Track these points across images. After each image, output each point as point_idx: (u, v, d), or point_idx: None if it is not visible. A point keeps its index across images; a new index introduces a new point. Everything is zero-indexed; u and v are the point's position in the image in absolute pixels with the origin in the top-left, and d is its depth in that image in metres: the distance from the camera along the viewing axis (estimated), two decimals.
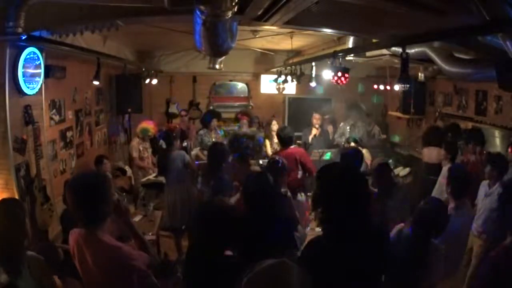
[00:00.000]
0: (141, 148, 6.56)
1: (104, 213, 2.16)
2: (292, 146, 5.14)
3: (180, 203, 4.93)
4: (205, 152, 5.75)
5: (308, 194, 4.75)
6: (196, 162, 5.71)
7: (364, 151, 5.44)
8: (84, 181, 2.20)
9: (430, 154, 5.51)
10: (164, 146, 5.14)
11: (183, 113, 8.20)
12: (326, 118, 8.14)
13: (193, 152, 6.35)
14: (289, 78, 7.22)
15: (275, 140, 6.98)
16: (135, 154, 6.48)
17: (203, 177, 4.63)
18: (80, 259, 2.20)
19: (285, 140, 5.09)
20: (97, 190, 2.12)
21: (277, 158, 4.27)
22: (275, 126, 7.09)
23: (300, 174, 5.05)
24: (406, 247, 2.65)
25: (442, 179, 4.58)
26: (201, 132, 6.98)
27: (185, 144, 6.67)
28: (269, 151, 6.99)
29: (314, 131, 7.15)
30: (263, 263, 1.81)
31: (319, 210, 2.03)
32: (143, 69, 7.67)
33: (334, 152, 6.58)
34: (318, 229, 3.14)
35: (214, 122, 6.93)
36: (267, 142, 7.20)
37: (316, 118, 7.28)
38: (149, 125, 6.67)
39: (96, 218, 2.13)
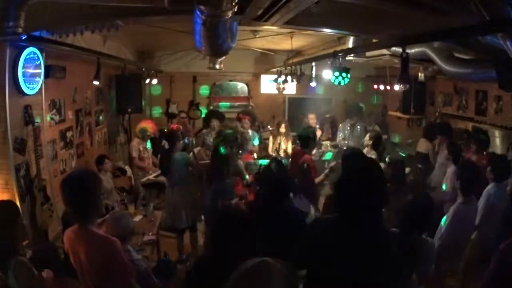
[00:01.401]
0: (141, 148, 6.56)
1: (94, 209, 2.31)
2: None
3: (182, 203, 4.93)
4: (208, 152, 5.75)
5: None
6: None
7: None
8: (73, 179, 2.34)
9: (422, 144, 6.04)
10: (166, 146, 5.14)
11: (182, 114, 8.21)
12: (327, 117, 8.14)
13: (195, 150, 6.36)
14: (289, 78, 7.22)
15: (278, 141, 7.01)
16: (134, 154, 6.48)
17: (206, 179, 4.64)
18: (74, 254, 2.28)
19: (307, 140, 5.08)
20: (85, 188, 2.25)
21: (279, 157, 4.28)
22: (283, 129, 7.05)
23: None
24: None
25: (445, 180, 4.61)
26: (204, 131, 6.99)
27: (186, 141, 6.68)
28: (270, 151, 7.01)
29: (319, 133, 7.11)
30: (247, 263, 1.83)
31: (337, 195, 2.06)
32: (143, 69, 7.67)
33: (334, 152, 6.59)
34: None
35: (214, 122, 6.94)
36: (270, 142, 7.21)
37: (311, 118, 7.25)
38: (147, 125, 6.68)
39: (87, 213, 2.27)
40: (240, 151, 5.36)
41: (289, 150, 6.64)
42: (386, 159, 4.65)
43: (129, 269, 2.31)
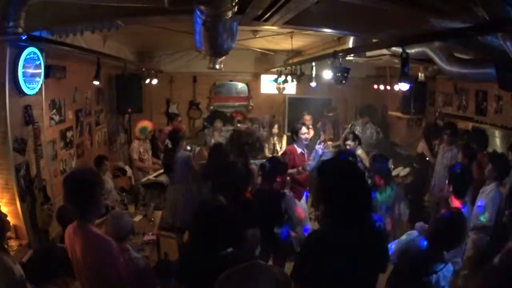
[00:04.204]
0: (141, 150, 6.57)
1: (94, 208, 2.33)
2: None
3: (182, 202, 4.94)
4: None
5: None
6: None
7: (359, 151, 5.46)
8: (74, 178, 2.39)
9: (420, 145, 6.20)
10: (170, 145, 5.15)
11: (179, 118, 8.25)
12: (329, 116, 8.13)
13: (195, 149, 6.37)
14: (289, 78, 7.23)
15: (272, 141, 7.06)
16: (135, 156, 6.50)
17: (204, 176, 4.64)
18: (71, 250, 2.30)
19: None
20: (86, 186, 2.28)
21: (280, 157, 4.31)
22: (275, 129, 7.12)
23: None
24: (416, 258, 2.57)
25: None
26: (206, 131, 7.01)
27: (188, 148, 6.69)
28: (267, 152, 7.03)
29: (312, 132, 7.15)
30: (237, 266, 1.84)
31: (320, 205, 2.06)
32: (143, 69, 7.67)
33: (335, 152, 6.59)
34: None
35: (218, 123, 6.95)
36: (266, 143, 7.24)
37: (307, 120, 7.28)
38: (146, 123, 6.70)
39: (86, 212, 2.30)
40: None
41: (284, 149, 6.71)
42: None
43: (122, 269, 2.31)
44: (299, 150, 5.16)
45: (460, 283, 3.80)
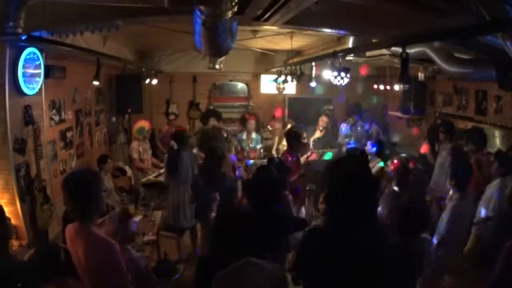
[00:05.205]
0: (141, 150, 6.57)
1: (96, 207, 2.32)
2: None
3: (186, 203, 4.93)
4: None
5: None
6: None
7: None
8: (75, 178, 2.37)
9: (424, 146, 6.10)
10: (175, 146, 5.14)
11: (171, 116, 8.23)
12: (325, 110, 8.12)
13: (194, 150, 6.38)
14: (289, 78, 7.22)
15: (283, 142, 7.05)
16: (135, 156, 6.50)
17: (202, 177, 4.63)
18: (73, 250, 2.29)
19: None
20: (87, 186, 2.27)
21: (281, 158, 4.29)
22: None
23: None
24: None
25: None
26: None
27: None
28: (274, 151, 7.03)
29: (318, 134, 7.15)
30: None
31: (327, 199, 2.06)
32: (143, 69, 7.67)
33: (335, 152, 6.59)
34: None
35: (212, 122, 6.94)
36: (275, 142, 7.23)
37: (323, 121, 7.23)
38: (143, 123, 6.71)
39: (88, 212, 2.28)
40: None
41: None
42: (388, 162, 4.66)
43: (125, 273, 2.30)
44: (295, 158, 5.12)
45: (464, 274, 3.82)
